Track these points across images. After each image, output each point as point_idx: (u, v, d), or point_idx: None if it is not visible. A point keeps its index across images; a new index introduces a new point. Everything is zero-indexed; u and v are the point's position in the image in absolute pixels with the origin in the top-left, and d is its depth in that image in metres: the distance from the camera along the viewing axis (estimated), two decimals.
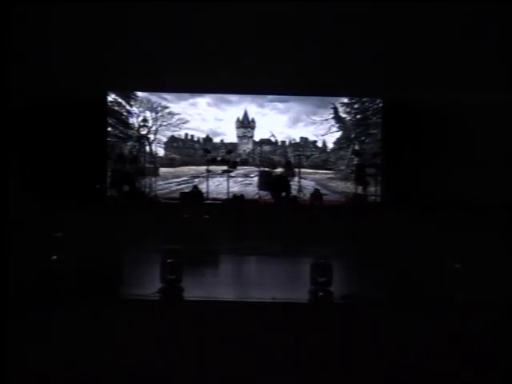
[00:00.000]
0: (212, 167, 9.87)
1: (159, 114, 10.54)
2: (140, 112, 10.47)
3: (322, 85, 9.60)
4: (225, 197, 9.55)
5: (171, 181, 10.54)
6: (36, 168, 8.78)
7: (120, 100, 10.42)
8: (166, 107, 10.55)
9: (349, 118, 10.64)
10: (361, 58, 8.96)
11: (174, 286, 4.59)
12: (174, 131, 10.65)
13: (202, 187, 9.56)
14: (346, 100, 10.60)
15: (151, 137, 10.56)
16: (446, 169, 9.04)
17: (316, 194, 9.27)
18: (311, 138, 10.71)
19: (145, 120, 10.47)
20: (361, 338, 3.79)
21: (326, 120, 10.61)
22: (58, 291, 4.38)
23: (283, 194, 9.35)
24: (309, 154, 10.66)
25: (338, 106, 10.62)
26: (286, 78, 9.34)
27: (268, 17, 8.60)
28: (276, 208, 9.08)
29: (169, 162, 10.68)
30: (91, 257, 5.44)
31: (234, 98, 10.64)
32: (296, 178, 9.81)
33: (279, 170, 9.88)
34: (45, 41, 8.63)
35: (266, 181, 9.70)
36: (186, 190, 9.67)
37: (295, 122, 10.72)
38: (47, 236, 5.47)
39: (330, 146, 10.74)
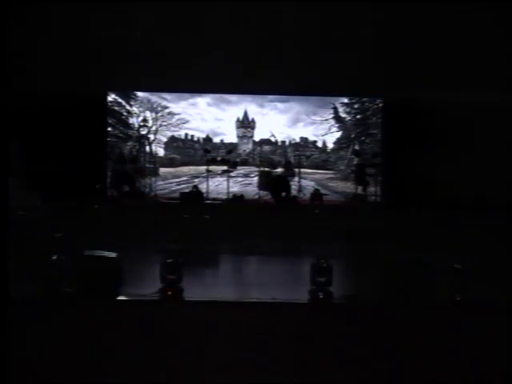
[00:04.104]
0: (212, 167, 9.86)
1: (159, 114, 10.53)
2: (140, 112, 10.46)
3: (322, 85, 9.60)
4: (225, 197, 9.55)
5: (171, 181, 10.53)
6: (36, 168, 8.78)
7: (120, 100, 10.42)
8: (166, 107, 10.55)
9: (349, 118, 10.63)
10: (361, 57, 8.97)
11: (174, 286, 4.59)
12: (174, 131, 10.65)
13: (202, 187, 9.56)
14: (346, 100, 10.59)
15: (151, 137, 10.55)
16: (446, 169, 9.04)
17: (316, 193, 9.26)
18: (311, 138, 10.71)
19: (145, 120, 10.47)
20: (361, 337, 3.79)
21: (326, 120, 10.60)
22: (57, 291, 4.38)
23: (283, 194, 9.35)
24: (309, 154, 10.65)
25: (338, 105, 10.61)
26: (286, 78, 9.34)
27: (268, 17, 8.63)
28: (276, 208, 9.08)
29: (169, 162, 10.67)
30: (90, 257, 5.43)
31: (234, 98, 10.63)
32: (296, 178, 9.81)
33: (279, 169, 9.87)
34: (45, 41, 8.65)
35: (265, 181, 9.70)
36: (186, 190, 9.67)
37: (295, 122, 10.71)
38: (46, 236, 5.47)
39: (330, 146, 10.73)
